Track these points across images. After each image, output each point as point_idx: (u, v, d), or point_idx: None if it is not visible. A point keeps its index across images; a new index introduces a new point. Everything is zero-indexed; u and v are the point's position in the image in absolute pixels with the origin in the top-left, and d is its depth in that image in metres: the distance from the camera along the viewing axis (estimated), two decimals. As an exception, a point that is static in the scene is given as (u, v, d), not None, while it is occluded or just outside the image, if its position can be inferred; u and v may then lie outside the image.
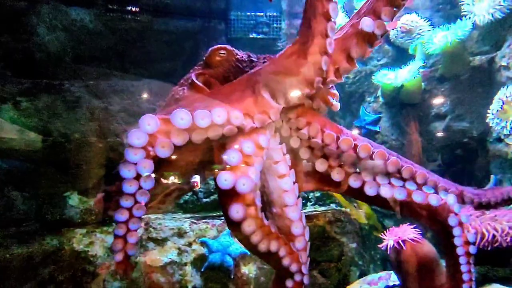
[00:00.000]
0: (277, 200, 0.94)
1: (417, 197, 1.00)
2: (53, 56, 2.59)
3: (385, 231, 2.48)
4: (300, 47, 0.93)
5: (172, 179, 1.13)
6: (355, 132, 3.23)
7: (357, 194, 1.04)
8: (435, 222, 1.06)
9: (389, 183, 1.00)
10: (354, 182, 1.01)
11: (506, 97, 2.15)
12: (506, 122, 2.14)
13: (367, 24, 0.91)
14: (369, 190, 1.00)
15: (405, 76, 2.70)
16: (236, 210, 0.82)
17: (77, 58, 2.73)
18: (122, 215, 0.86)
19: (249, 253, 2.18)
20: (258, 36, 3.26)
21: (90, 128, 2.44)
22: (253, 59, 1.11)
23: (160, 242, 2.38)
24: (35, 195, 2.14)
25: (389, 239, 2.37)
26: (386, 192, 0.99)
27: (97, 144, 2.42)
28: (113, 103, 2.66)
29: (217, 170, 0.87)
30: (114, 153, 2.46)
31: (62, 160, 2.27)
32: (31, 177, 2.19)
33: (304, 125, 0.99)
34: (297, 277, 0.90)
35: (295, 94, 0.95)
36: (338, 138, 0.97)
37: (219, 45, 1.12)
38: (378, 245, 2.42)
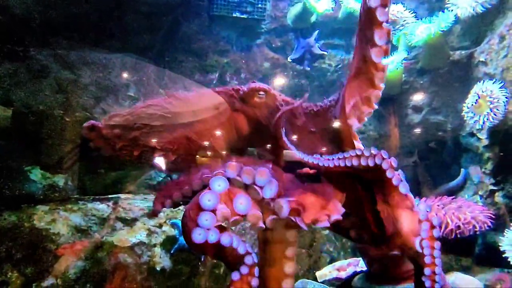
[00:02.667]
0: None
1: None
2: (17, 20, 2.38)
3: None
4: None
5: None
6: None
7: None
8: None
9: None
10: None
11: (482, 92, 2.18)
12: (480, 116, 2.18)
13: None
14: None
15: (387, 66, 2.69)
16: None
17: (45, 24, 2.53)
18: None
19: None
20: (242, 16, 3.15)
21: (56, 100, 2.29)
22: (294, 111, 1.03)
23: (129, 222, 2.30)
24: (-7, 168, 2.00)
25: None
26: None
27: (64, 118, 2.28)
28: (83, 76, 2.51)
29: None
30: (81, 129, 2.33)
31: (24, 132, 2.12)
32: (-12, 149, 2.05)
33: None
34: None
35: None
36: None
37: (261, 85, 1.02)
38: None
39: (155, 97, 1.09)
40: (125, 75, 2.68)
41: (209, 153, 1.00)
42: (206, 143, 1.00)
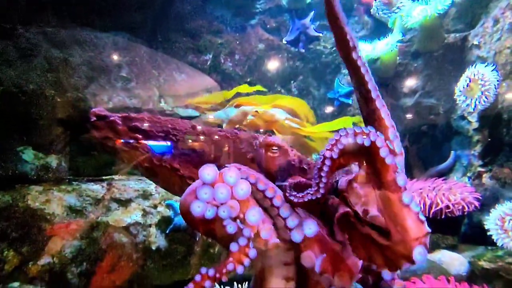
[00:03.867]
0: None
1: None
2: (4, -4, 2.31)
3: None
4: None
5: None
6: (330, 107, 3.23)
7: None
8: None
9: None
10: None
11: (474, 75, 2.20)
12: (471, 99, 2.21)
13: None
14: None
15: (382, 48, 2.69)
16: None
17: (33, 0, 2.45)
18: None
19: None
20: (236, -6, 3.09)
21: (47, 80, 2.25)
22: (304, 167, 0.99)
23: (124, 203, 2.32)
24: (-16, 149, 1.97)
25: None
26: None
27: (55, 98, 2.25)
28: (74, 55, 2.45)
29: None
30: (73, 109, 2.30)
31: (15, 113, 2.09)
32: (-21, 129, 2.01)
33: None
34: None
35: None
36: None
37: (275, 141, 0.99)
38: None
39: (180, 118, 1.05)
40: (117, 55, 2.63)
41: None
42: None
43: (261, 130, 2.40)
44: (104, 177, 2.43)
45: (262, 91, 2.73)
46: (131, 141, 0.95)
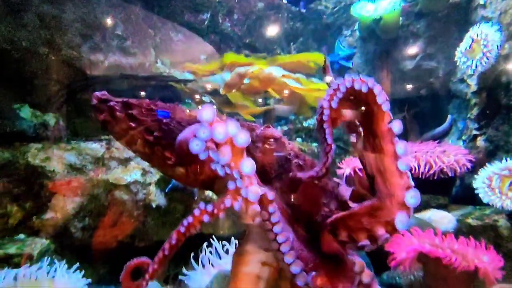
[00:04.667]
0: None
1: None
2: None
3: (342, 161, 2.61)
4: None
5: None
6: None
7: None
8: None
9: None
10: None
11: (477, 35, 2.15)
12: (472, 61, 2.17)
13: None
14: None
15: (385, 7, 2.61)
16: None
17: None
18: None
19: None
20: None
21: (40, 37, 2.19)
22: (300, 163, 0.96)
23: (123, 161, 2.35)
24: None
25: (346, 168, 2.51)
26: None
27: (50, 56, 2.21)
28: (67, 11, 2.37)
29: None
30: (69, 68, 2.27)
31: (9, 70, 2.06)
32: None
33: None
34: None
35: None
36: None
37: (273, 133, 0.96)
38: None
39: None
40: (111, 12, 2.54)
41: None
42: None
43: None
44: (103, 137, 2.45)
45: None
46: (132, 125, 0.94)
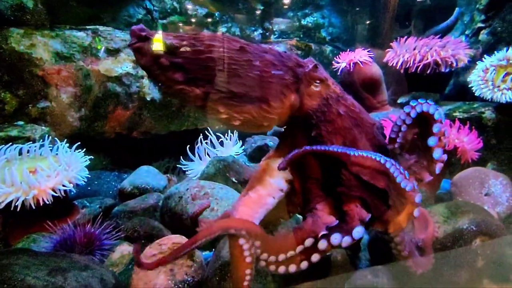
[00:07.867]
0: None
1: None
2: None
3: (339, 55, 2.55)
4: None
5: None
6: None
7: None
8: None
9: None
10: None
11: None
12: None
13: None
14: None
15: None
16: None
17: None
18: None
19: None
20: None
21: None
22: (340, 111, 0.94)
23: (113, 52, 2.27)
24: None
25: (342, 62, 2.47)
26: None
27: None
28: None
29: None
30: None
31: None
32: None
33: None
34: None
35: None
36: None
37: (321, 75, 0.92)
38: (332, 67, 2.52)
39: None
40: None
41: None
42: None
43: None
44: (88, 26, 2.31)
45: None
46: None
